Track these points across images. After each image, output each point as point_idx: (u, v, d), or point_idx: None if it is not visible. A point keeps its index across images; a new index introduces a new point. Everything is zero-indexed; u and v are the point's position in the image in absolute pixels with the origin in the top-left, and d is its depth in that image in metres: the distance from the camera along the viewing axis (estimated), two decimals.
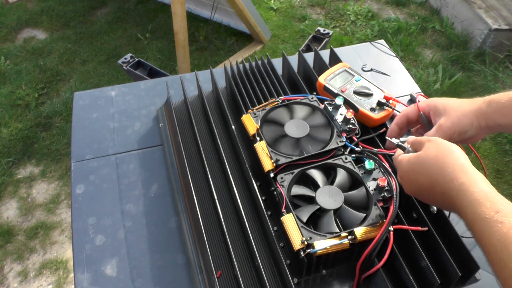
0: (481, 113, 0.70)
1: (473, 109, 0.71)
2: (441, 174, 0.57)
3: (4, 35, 3.13)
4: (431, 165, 0.59)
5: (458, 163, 0.57)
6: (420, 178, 0.61)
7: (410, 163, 0.63)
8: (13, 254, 1.91)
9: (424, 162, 0.60)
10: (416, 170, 0.62)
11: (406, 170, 0.63)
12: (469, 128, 0.71)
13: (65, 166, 2.24)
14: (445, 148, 0.59)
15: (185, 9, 2.22)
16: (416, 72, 2.62)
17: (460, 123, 0.71)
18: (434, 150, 0.60)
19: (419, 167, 0.61)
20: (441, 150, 0.59)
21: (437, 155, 0.59)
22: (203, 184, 0.89)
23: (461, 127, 0.71)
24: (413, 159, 0.62)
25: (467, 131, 0.71)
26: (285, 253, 0.74)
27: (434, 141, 0.62)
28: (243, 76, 1.02)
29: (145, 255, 0.81)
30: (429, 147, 0.61)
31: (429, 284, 0.69)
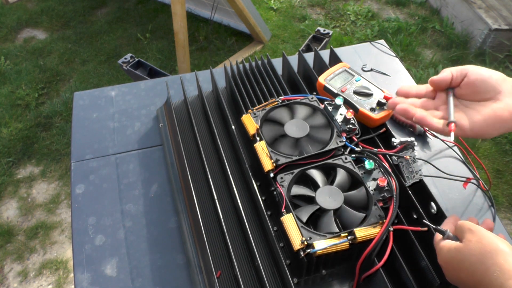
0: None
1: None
2: (487, 277, 0.50)
3: (4, 35, 3.13)
4: (474, 263, 0.52)
5: (506, 267, 0.49)
6: (462, 274, 0.54)
7: (450, 255, 0.56)
8: (13, 254, 1.91)
9: (465, 259, 0.53)
10: (457, 264, 0.55)
11: (446, 260, 0.57)
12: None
13: (65, 166, 2.24)
14: (491, 245, 0.52)
15: (185, 9, 2.22)
16: (416, 72, 2.62)
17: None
18: (477, 246, 0.52)
19: (461, 262, 0.54)
20: (485, 248, 0.52)
21: (481, 253, 0.51)
22: (203, 184, 0.89)
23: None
24: (453, 251, 0.55)
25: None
26: (285, 253, 0.74)
27: (477, 233, 0.54)
28: (243, 76, 1.02)
29: (145, 255, 0.81)
30: (471, 240, 0.54)
31: (429, 284, 0.69)
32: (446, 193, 0.91)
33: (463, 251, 0.54)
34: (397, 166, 0.81)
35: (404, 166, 0.80)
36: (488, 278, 0.49)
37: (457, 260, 0.54)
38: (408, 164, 0.80)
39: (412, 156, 0.81)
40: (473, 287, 0.53)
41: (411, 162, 0.80)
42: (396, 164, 0.81)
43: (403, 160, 0.80)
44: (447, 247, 0.57)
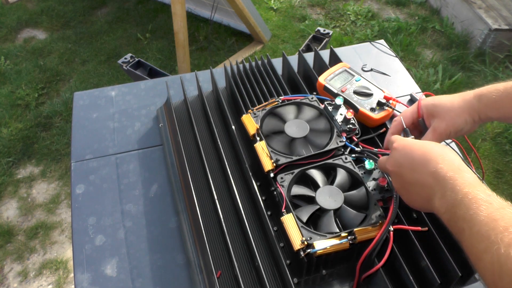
0: (473, 109, 0.71)
1: (465, 107, 0.72)
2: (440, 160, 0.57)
3: (4, 35, 3.13)
4: (435, 148, 0.59)
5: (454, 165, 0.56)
6: (418, 152, 0.60)
7: (411, 142, 0.63)
8: (13, 254, 1.91)
9: (428, 144, 0.61)
10: (418, 145, 0.61)
11: (405, 144, 0.63)
12: (463, 126, 0.72)
13: (65, 166, 2.24)
14: (448, 149, 0.60)
15: (185, 9, 2.22)
16: (416, 72, 2.62)
17: (455, 123, 0.72)
18: (440, 145, 0.61)
19: (423, 144, 0.61)
20: (443, 148, 0.60)
21: (443, 150, 0.59)
22: (203, 184, 0.89)
23: (456, 126, 0.72)
24: (419, 140, 0.64)
25: (462, 129, 0.73)
26: (285, 253, 0.74)
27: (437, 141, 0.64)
28: (243, 76, 1.02)
29: (145, 255, 0.81)
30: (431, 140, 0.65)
31: (429, 284, 0.69)
32: None
33: (428, 142, 0.62)
34: None
35: None
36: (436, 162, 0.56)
37: (419, 144, 0.62)
38: None
39: None
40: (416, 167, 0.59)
41: None
42: None
43: None
44: (412, 138, 0.66)
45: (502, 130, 2.29)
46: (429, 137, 0.74)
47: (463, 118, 0.72)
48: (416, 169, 0.59)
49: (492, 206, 0.46)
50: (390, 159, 0.65)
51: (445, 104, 0.74)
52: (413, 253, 0.71)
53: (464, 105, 0.72)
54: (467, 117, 0.72)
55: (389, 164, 0.65)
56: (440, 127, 0.73)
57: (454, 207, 0.50)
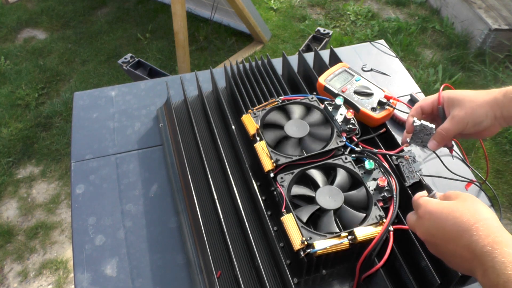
0: (496, 103, 0.68)
1: (489, 100, 0.69)
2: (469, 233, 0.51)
3: (4, 35, 3.13)
4: (465, 214, 0.53)
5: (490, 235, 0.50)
6: (448, 223, 0.54)
7: (440, 207, 0.56)
8: (13, 254, 1.91)
9: (455, 213, 0.54)
10: (446, 213, 0.55)
11: (431, 211, 0.57)
12: (483, 119, 0.69)
13: (65, 166, 2.24)
14: (483, 207, 0.54)
15: (185, 9, 2.22)
16: (416, 72, 2.62)
17: (474, 113, 0.69)
18: (469, 205, 0.54)
19: (449, 217, 0.54)
20: (478, 206, 0.54)
21: (474, 208, 0.53)
22: (203, 184, 0.89)
23: (475, 117, 0.69)
24: (444, 205, 0.56)
25: (481, 122, 0.69)
26: (285, 253, 0.74)
27: (470, 196, 0.56)
28: (243, 76, 1.02)
29: (145, 255, 0.81)
30: (465, 199, 0.56)
31: (429, 284, 0.69)
32: None
33: (456, 205, 0.55)
34: (397, 166, 0.81)
35: (404, 166, 0.80)
36: (470, 234, 0.50)
37: (446, 212, 0.55)
38: (408, 164, 0.80)
39: (412, 156, 0.81)
40: (453, 238, 0.53)
41: (411, 162, 0.80)
42: (396, 164, 0.81)
43: (403, 160, 0.80)
44: (438, 201, 0.58)
45: (502, 130, 2.29)
46: (447, 125, 0.72)
47: (484, 110, 0.68)
48: (450, 241, 0.53)
49: None
50: (419, 227, 0.59)
51: (468, 95, 0.71)
52: (413, 253, 0.71)
53: (488, 98, 0.69)
54: (488, 110, 0.68)
55: (420, 232, 0.59)
56: (459, 115, 0.70)
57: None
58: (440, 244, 0.55)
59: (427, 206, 0.58)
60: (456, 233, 0.52)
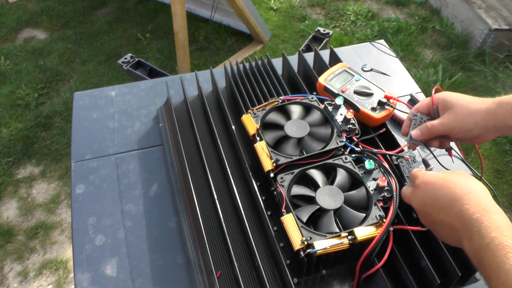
0: (488, 113, 0.68)
1: (481, 109, 0.69)
2: (461, 201, 0.53)
3: (4, 35, 3.13)
4: (458, 184, 0.55)
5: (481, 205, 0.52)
6: (441, 192, 0.56)
7: (436, 177, 0.59)
8: (13, 254, 1.91)
9: (450, 183, 0.56)
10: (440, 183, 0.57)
11: (427, 180, 0.60)
12: (472, 128, 0.69)
13: (65, 166, 2.24)
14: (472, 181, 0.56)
15: (185, 9, 2.22)
16: (416, 72, 2.62)
17: (463, 120, 0.69)
18: (464, 178, 0.57)
19: (444, 186, 0.57)
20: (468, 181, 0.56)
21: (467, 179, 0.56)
22: (203, 184, 0.89)
23: (464, 124, 0.69)
24: (440, 175, 0.59)
25: (470, 130, 0.70)
26: (285, 253, 0.74)
27: (466, 173, 0.59)
28: (243, 76, 1.02)
29: (145, 255, 0.81)
30: (461, 173, 0.58)
31: (429, 284, 0.69)
32: None
33: (451, 176, 0.57)
34: (397, 166, 0.81)
35: (404, 166, 0.80)
36: (461, 203, 0.53)
37: (441, 181, 0.57)
38: (408, 164, 0.80)
39: (412, 156, 0.81)
40: (441, 207, 0.56)
41: (411, 162, 0.79)
42: (396, 164, 0.81)
43: (403, 160, 0.80)
44: (434, 173, 0.61)
45: None
46: (435, 122, 0.72)
47: (474, 119, 0.68)
48: (442, 209, 0.55)
49: None
50: (414, 197, 0.62)
51: (461, 100, 0.71)
52: (413, 253, 0.71)
53: (481, 107, 0.69)
54: (478, 119, 0.68)
55: (414, 202, 0.62)
56: (448, 118, 0.71)
57: (480, 252, 0.47)
58: (432, 213, 0.57)
59: (423, 177, 0.60)
60: (448, 202, 0.54)
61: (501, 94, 0.71)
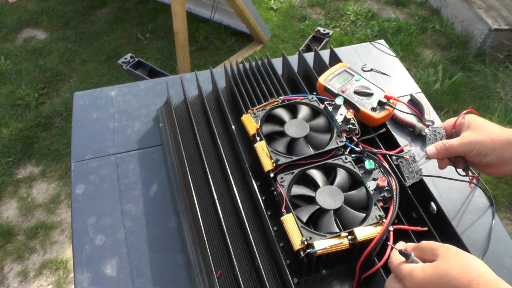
0: (508, 142, 0.66)
1: (502, 137, 0.67)
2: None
3: (4, 35, 3.13)
4: (457, 277, 0.50)
5: (489, 278, 0.49)
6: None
7: (427, 273, 0.52)
8: (13, 254, 1.91)
9: (447, 274, 0.51)
10: (436, 282, 0.51)
11: (422, 280, 0.53)
12: (489, 153, 0.67)
13: (65, 166, 2.24)
14: (469, 259, 0.52)
15: (185, 9, 2.22)
16: (416, 72, 2.62)
17: (483, 143, 0.68)
18: (457, 260, 0.52)
19: (442, 277, 0.51)
20: (465, 261, 0.51)
21: (463, 266, 0.51)
22: (203, 184, 0.89)
23: (481, 147, 0.68)
24: (429, 269, 0.53)
25: (486, 155, 0.68)
26: (285, 253, 0.74)
27: (452, 249, 0.53)
28: (243, 76, 1.02)
29: (145, 255, 0.81)
30: (449, 256, 0.53)
31: None
32: (446, 193, 0.91)
33: (442, 266, 0.52)
34: (397, 166, 0.81)
35: (404, 166, 0.80)
36: None
37: (436, 277, 0.51)
38: (408, 164, 0.80)
39: (412, 156, 0.81)
40: None
41: (411, 162, 0.80)
42: (396, 164, 0.81)
43: (403, 160, 0.80)
44: (421, 267, 0.54)
45: None
46: (453, 141, 0.71)
47: (493, 145, 0.67)
48: None
49: None
50: None
51: (485, 125, 0.70)
52: None
53: (502, 134, 0.67)
54: (497, 146, 0.66)
55: None
56: (468, 138, 0.69)
57: None
58: None
59: (413, 278, 0.54)
60: None
61: (501, 94, 0.71)
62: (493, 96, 2.43)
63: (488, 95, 2.45)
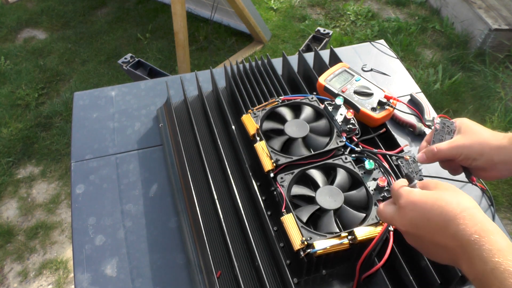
0: (498, 148, 0.66)
1: (491, 142, 0.67)
2: (455, 221, 0.50)
3: (4, 35, 3.13)
4: (450, 203, 0.52)
5: (477, 224, 0.49)
6: (434, 213, 0.53)
7: (424, 196, 0.55)
8: (13, 254, 1.91)
9: (442, 200, 0.53)
10: (430, 203, 0.53)
11: (415, 201, 0.55)
12: (478, 157, 0.67)
13: (65, 166, 2.24)
14: (462, 197, 0.54)
15: (185, 9, 2.22)
16: (416, 72, 2.62)
17: (471, 148, 0.68)
18: (453, 194, 0.54)
19: (436, 205, 0.53)
20: (461, 195, 0.54)
21: (458, 198, 0.53)
22: (203, 184, 0.89)
23: (470, 152, 0.68)
24: (428, 193, 0.55)
25: (475, 159, 0.68)
26: (285, 253, 0.74)
27: (451, 186, 0.56)
28: (243, 76, 1.02)
29: (145, 255, 0.81)
30: (447, 189, 0.55)
31: (429, 284, 0.69)
32: None
33: (440, 193, 0.54)
34: (397, 166, 0.81)
35: (404, 166, 0.80)
36: (456, 223, 0.50)
37: (432, 200, 0.53)
38: (408, 164, 0.80)
39: (412, 156, 0.81)
40: (438, 227, 0.52)
41: (411, 162, 0.80)
42: (396, 164, 0.81)
43: (403, 160, 0.80)
44: (420, 190, 0.56)
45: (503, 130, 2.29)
46: (443, 145, 0.71)
47: (481, 149, 0.67)
48: (435, 231, 0.52)
49: None
50: (400, 218, 0.57)
51: (476, 129, 0.70)
52: (413, 253, 0.71)
53: (491, 140, 0.67)
54: (485, 151, 0.66)
55: (400, 224, 0.57)
56: (458, 142, 0.69)
57: (484, 277, 0.45)
58: (424, 235, 0.54)
59: (409, 197, 0.56)
60: (442, 222, 0.51)
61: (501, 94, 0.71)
62: (493, 96, 2.43)
63: (488, 95, 2.45)
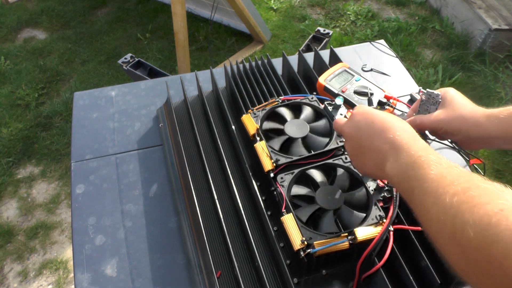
0: (476, 125, 0.68)
1: (469, 118, 0.69)
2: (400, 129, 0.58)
3: (4, 35, 3.13)
4: (394, 117, 0.60)
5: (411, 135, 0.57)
6: (378, 118, 0.61)
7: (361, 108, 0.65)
8: (13, 254, 1.91)
9: (390, 115, 0.61)
10: (377, 112, 0.62)
11: (367, 108, 0.64)
12: (456, 133, 0.71)
13: (65, 166, 2.24)
14: (395, 118, 0.61)
15: (185, 9, 2.22)
16: (416, 72, 2.62)
17: (450, 124, 0.71)
18: (387, 115, 0.62)
19: (369, 119, 0.61)
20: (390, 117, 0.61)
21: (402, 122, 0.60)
22: (203, 184, 0.89)
23: (449, 128, 0.71)
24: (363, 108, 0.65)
25: (453, 134, 0.72)
26: (285, 253, 0.74)
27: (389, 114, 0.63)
28: (243, 76, 1.02)
29: (145, 255, 0.81)
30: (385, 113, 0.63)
31: (429, 284, 0.69)
32: None
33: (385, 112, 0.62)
34: None
35: None
36: (394, 130, 0.57)
37: (379, 111, 0.62)
38: None
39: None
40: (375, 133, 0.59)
41: None
42: None
43: None
44: None
45: None
46: (424, 117, 0.74)
47: (459, 126, 0.70)
48: (374, 135, 0.59)
49: (442, 166, 0.49)
50: (348, 122, 0.65)
51: (458, 103, 0.72)
52: (413, 253, 0.71)
53: (469, 116, 0.69)
54: (463, 128, 0.69)
55: (347, 127, 0.65)
56: (438, 117, 0.72)
57: (407, 168, 0.52)
58: (363, 138, 0.61)
59: (361, 107, 0.65)
60: (383, 128, 0.58)
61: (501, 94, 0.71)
62: (493, 96, 2.43)
63: (488, 95, 2.45)
